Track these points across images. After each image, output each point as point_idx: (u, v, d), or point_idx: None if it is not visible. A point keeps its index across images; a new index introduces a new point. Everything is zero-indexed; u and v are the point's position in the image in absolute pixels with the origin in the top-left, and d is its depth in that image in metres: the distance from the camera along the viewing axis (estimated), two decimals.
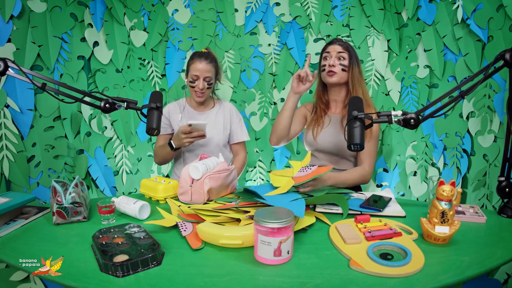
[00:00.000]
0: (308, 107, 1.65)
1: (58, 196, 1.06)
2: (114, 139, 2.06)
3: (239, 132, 1.72)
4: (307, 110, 1.64)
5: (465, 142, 1.90)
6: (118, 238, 0.90)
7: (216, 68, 1.63)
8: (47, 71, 1.81)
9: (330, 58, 1.46)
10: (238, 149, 1.75)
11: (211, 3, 2.04)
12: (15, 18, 1.69)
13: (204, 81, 1.56)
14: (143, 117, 1.30)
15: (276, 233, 0.80)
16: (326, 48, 1.51)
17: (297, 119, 1.60)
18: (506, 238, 0.96)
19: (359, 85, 1.46)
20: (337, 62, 1.45)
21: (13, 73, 1.10)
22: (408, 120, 1.05)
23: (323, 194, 1.19)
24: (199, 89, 1.57)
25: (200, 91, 1.58)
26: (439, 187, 0.91)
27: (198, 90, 1.58)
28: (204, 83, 1.56)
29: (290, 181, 1.17)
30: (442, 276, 0.76)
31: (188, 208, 1.11)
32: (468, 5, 1.75)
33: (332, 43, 1.50)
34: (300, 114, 1.62)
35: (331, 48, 1.48)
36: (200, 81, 1.56)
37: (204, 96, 1.61)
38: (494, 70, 1.06)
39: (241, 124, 1.74)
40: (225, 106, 1.74)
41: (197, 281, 0.76)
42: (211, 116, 1.70)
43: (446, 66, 1.91)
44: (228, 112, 1.72)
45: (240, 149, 1.76)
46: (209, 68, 1.57)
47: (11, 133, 1.71)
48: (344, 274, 0.78)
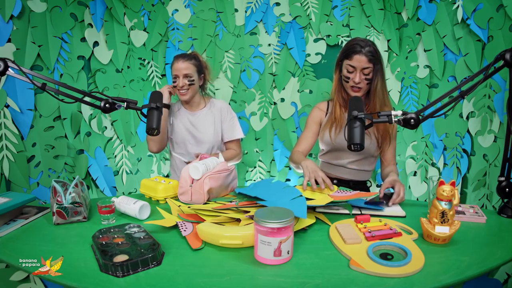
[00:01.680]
0: (322, 108, 1.56)
1: (58, 196, 1.06)
2: (114, 139, 2.06)
3: (230, 130, 1.70)
4: (322, 112, 1.55)
5: (465, 142, 1.90)
6: (118, 238, 0.90)
7: (198, 66, 1.63)
8: (47, 71, 1.81)
9: (355, 73, 1.36)
10: (231, 146, 1.74)
11: (211, 3, 2.04)
12: (15, 18, 1.69)
13: (184, 78, 1.57)
14: (143, 117, 1.30)
15: (276, 233, 0.79)
16: (350, 57, 1.36)
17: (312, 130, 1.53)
18: (506, 238, 0.96)
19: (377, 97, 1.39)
20: (363, 77, 1.36)
21: (13, 73, 1.10)
22: (408, 120, 1.05)
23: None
24: (179, 87, 1.58)
25: (181, 88, 1.58)
26: (439, 187, 0.91)
27: (179, 88, 1.59)
28: (184, 80, 1.57)
29: (327, 197, 1.12)
30: (442, 276, 0.76)
31: (188, 208, 1.11)
32: (468, 5, 1.75)
33: (358, 52, 1.34)
34: (315, 121, 1.54)
35: (356, 61, 1.34)
36: (180, 79, 1.58)
37: (188, 94, 1.60)
38: (494, 70, 1.06)
39: (233, 122, 1.72)
40: (216, 105, 1.72)
41: (197, 281, 0.76)
42: (202, 115, 1.70)
43: (446, 66, 1.91)
44: (219, 110, 1.71)
45: (234, 147, 1.74)
46: (187, 65, 1.58)
47: (11, 133, 1.71)
48: (344, 274, 0.78)
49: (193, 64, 1.60)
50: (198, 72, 1.64)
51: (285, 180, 2.19)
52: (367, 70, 1.35)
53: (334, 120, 1.48)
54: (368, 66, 1.34)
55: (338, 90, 1.47)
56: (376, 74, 1.37)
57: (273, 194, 1.15)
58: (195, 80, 1.61)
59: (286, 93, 2.10)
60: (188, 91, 1.60)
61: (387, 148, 1.48)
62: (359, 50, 1.34)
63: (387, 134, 1.45)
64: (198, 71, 1.63)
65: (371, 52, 1.34)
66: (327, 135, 1.49)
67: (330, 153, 1.54)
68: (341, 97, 1.47)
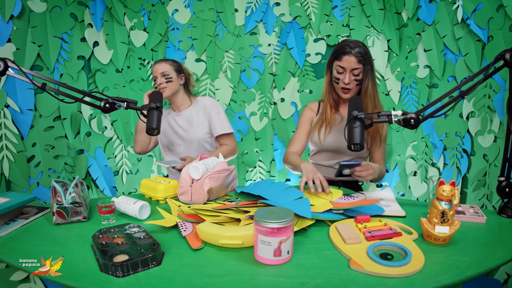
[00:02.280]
0: (313, 108, 1.56)
1: (58, 196, 1.06)
2: (114, 139, 2.06)
3: (218, 124, 1.69)
4: (313, 112, 1.55)
5: (465, 142, 1.91)
6: (118, 238, 0.90)
7: (176, 66, 1.68)
8: (47, 71, 1.81)
9: (345, 73, 1.36)
10: (224, 142, 1.72)
11: (211, 3, 2.04)
12: (15, 18, 1.69)
13: (162, 77, 1.63)
14: (143, 117, 1.30)
15: (276, 233, 0.79)
16: (340, 58, 1.36)
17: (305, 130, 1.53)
18: (506, 238, 0.96)
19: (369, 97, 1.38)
20: (352, 78, 1.36)
21: (13, 73, 1.10)
22: (408, 120, 1.05)
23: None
24: (158, 84, 1.64)
25: (159, 85, 1.63)
26: (439, 187, 0.91)
27: (158, 87, 1.64)
28: (162, 78, 1.63)
29: (327, 203, 1.10)
30: (442, 276, 0.76)
31: (188, 208, 1.10)
32: (468, 5, 1.75)
33: (347, 53, 1.34)
34: (306, 120, 1.54)
35: (345, 62, 1.34)
36: (158, 78, 1.63)
37: (167, 91, 1.64)
38: (494, 70, 1.06)
39: (219, 116, 1.70)
40: (200, 102, 1.73)
41: (197, 281, 0.75)
42: (187, 114, 1.70)
43: (446, 66, 1.91)
44: (203, 107, 1.71)
45: (226, 141, 1.72)
46: (165, 65, 1.64)
47: (11, 133, 1.71)
48: (344, 274, 0.78)
49: (170, 64, 1.66)
50: (176, 71, 1.67)
51: (285, 180, 2.19)
52: (356, 71, 1.34)
53: (324, 121, 1.48)
54: (357, 67, 1.33)
55: (329, 92, 1.47)
56: (366, 75, 1.36)
57: (275, 194, 1.15)
58: (173, 78, 1.65)
59: (286, 93, 2.10)
60: (166, 88, 1.63)
61: (376, 149, 1.47)
62: (348, 51, 1.33)
63: (377, 135, 1.44)
64: (176, 70, 1.67)
65: (361, 53, 1.33)
66: (316, 135, 1.48)
67: (319, 154, 1.54)
68: (332, 99, 1.47)
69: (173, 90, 1.66)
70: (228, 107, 2.12)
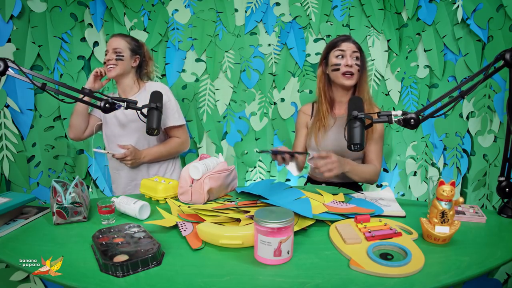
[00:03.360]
0: (307, 111, 1.53)
1: (58, 196, 1.06)
2: None
3: (165, 116, 1.52)
4: (306, 115, 1.53)
5: (465, 142, 1.91)
6: (118, 238, 0.90)
7: (133, 45, 1.53)
8: (47, 71, 1.81)
9: (345, 57, 1.34)
10: (173, 134, 1.61)
11: (211, 3, 2.04)
12: (15, 18, 1.70)
13: (113, 53, 1.48)
14: (143, 117, 1.30)
15: (276, 233, 0.79)
16: (338, 45, 1.36)
17: (303, 135, 1.52)
18: (506, 238, 0.96)
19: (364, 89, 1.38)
20: (354, 62, 1.34)
21: (13, 73, 1.10)
22: (408, 120, 1.05)
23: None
24: (106, 60, 1.48)
25: (108, 62, 1.48)
26: (439, 187, 0.91)
27: (106, 63, 1.49)
28: (113, 55, 1.48)
29: (321, 206, 1.09)
30: (442, 276, 0.76)
31: (188, 208, 1.10)
32: (468, 5, 1.75)
33: (345, 41, 1.36)
34: (302, 125, 1.53)
35: (345, 46, 1.34)
36: (108, 54, 1.49)
37: (114, 70, 1.48)
38: (494, 70, 1.06)
39: (169, 106, 1.54)
40: (148, 89, 1.54)
41: (197, 281, 0.75)
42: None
43: (446, 66, 1.91)
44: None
45: (176, 133, 1.60)
46: (120, 41, 1.49)
47: (11, 133, 1.71)
48: (344, 274, 0.78)
49: (126, 42, 1.51)
50: (131, 50, 1.52)
51: (285, 180, 2.19)
52: (356, 54, 1.35)
53: (320, 121, 1.44)
54: (357, 50, 1.36)
55: (324, 89, 1.44)
56: (363, 68, 1.38)
57: (275, 193, 1.15)
58: (124, 57, 1.49)
59: (286, 93, 2.10)
60: (115, 68, 1.48)
61: (370, 148, 1.43)
62: (345, 39, 1.37)
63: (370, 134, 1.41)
64: (131, 49, 1.52)
65: (357, 44, 1.38)
66: (313, 140, 1.45)
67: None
68: (328, 96, 1.44)
69: (121, 70, 1.49)
70: (228, 107, 2.12)
